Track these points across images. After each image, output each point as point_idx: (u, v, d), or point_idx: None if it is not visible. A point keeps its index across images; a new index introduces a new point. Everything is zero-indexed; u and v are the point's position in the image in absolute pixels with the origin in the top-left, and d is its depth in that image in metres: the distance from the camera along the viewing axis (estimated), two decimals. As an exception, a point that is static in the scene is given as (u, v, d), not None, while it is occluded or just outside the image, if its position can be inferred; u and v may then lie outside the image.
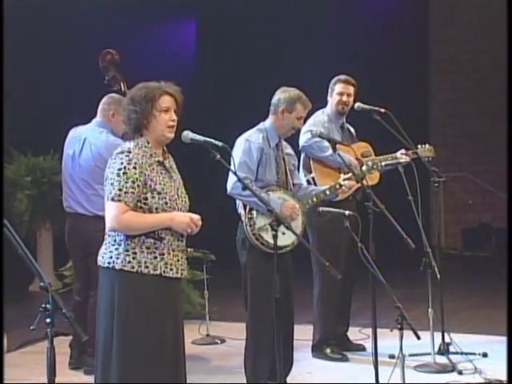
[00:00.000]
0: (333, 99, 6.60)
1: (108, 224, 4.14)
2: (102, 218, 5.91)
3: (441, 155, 6.87)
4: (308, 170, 6.45)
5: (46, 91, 7.05)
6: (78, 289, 6.35)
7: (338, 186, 5.64)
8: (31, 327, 6.17)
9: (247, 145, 5.42)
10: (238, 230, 5.45)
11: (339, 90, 6.57)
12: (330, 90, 6.63)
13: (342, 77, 6.61)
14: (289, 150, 5.71)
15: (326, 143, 6.22)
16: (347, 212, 5.33)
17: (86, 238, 6.14)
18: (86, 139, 6.20)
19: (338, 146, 5.81)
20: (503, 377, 5.74)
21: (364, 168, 6.08)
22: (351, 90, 6.58)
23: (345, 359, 6.50)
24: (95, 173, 6.08)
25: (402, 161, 6.31)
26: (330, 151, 6.26)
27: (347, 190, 5.70)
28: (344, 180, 5.64)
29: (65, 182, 6.33)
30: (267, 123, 5.57)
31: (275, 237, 4.48)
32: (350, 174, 5.63)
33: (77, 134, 6.30)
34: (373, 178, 6.38)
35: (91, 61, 6.54)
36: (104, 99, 6.27)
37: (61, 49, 9.12)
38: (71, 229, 6.38)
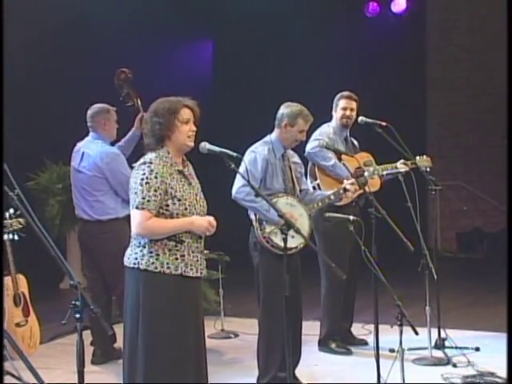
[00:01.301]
0: (337, 113, 6.59)
1: (134, 230, 4.13)
2: (104, 222, 6.16)
3: (437, 165, 6.84)
4: (313, 177, 6.43)
5: (75, 108, 7.13)
6: (90, 286, 6.36)
7: (342, 191, 5.61)
8: (62, 321, 6.18)
9: (253, 156, 5.41)
10: (250, 234, 5.44)
11: (343, 105, 6.56)
12: (334, 105, 6.61)
13: (345, 93, 6.60)
14: (295, 158, 5.69)
15: (330, 154, 6.22)
16: (351, 217, 5.32)
17: (93, 242, 6.27)
18: (84, 152, 6.28)
19: (342, 156, 5.82)
20: (494, 369, 5.74)
21: (366, 174, 6.07)
22: (354, 104, 6.57)
23: (349, 353, 6.48)
24: (93, 181, 6.20)
25: (401, 170, 6.30)
26: (332, 162, 6.26)
27: (352, 194, 5.67)
28: (348, 185, 5.61)
29: (73, 192, 6.42)
30: (273, 136, 5.55)
31: (285, 240, 4.46)
32: (353, 180, 5.61)
33: (77, 148, 6.38)
34: (374, 185, 6.35)
35: (110, 79, 6.57)
36: (89, 114, 6.31)
37: (87, 68, 9.15)
38: (80, 233, 6.50)
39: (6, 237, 4.60)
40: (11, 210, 4.86)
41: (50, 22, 8.91)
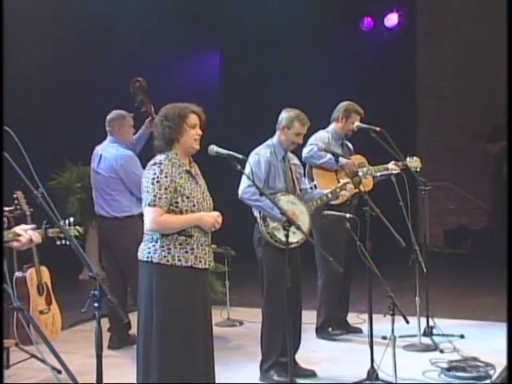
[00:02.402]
0: (345, 124, 6.49)
1: (147, 226, 4.14)
2: (120, 219, 6.22)
3: (426, 168, 6.84)
4: (311, 179, 6.42)
5: (93, 114, 7.17)
6: (108, 277, 6.41)
7: (338, 190, 5.61)
8: (82, 310, 6.21)
9: (257, 158, 5.39)
10: (255, 231, 5.43)
11: (354, 120, 6.46)
12: (344, 114, 6.49)
13: (360, 110, 6.50)
14: (295, 160, 5.68)
15: (323, 152, 6.22)
16: (348, 215, 5.35)
17: (111, 237, 6.33)
18: (102, 155, 6.34)
19: (340, 158, 5.83)
20: (477, 354, 5.76)
21: (360, 174, 6.06)
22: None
23: (344, 333, 6.52)
24: (109, 181, 6.26)
25: (394, 172, 6.30)
26: (328, 157, 6.25)
27: (347, 193, 5.65)
28: (345, 184, 5.61)
29: (93, 191, 6.48)
30: (274, 139, 5.54)
31: (287, 235, 4.46)
32: (348, 180, 5.62)
33: (96, 151, 6.44)
34: (367, 185, 6.36)
35: (126, 86, 6.60)
36: (107, 119, 6.38)
37: (104, 77, 9.18)
38: (99, 229, 6.60)
39: (63, 242, 4.64)
40: (71, 219, 4.87)
41: (74, 32, 9.01)
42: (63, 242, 4.52)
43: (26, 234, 3.19)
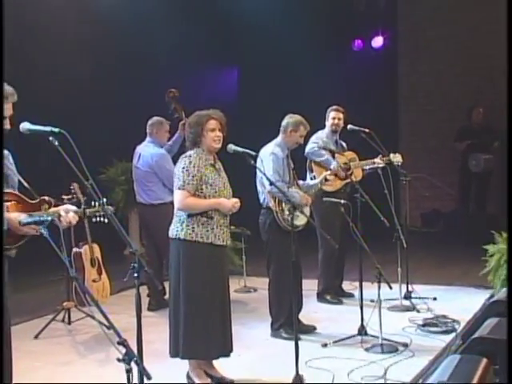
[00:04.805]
0: (328, 122, 6.52)
1: (176, 205, 4.19)
2: (155, 205, 6.20)
3: (406, 162, 6.78)
4: (311, 170, 6.38)
5: (135, 119, 7.17)
6: (147, 252, 6.45)
7: (324, 180, 5.57)
8: (124, 279, 6.23)
9: (275, 157, 5.31)
10: (262, 216, 5.36)
11: (332, 116, 6.49)
12: (326, 116, 6.55)
13: (334, 106, 6.56)
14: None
15: (323, 151, 6.19)
16: (343, 201, 5.32)
17: (147, 220, 6.36)
18: (141, 153, 6.34)
19: (336, 154, 5.79)
20: (446, 313, 5.76)
21: (331, 167, 5.97)
22: (341, 115, 6.51)
23: (340, 303, 6.45)
24: (146, 174, 6.26)
25: (380, 165, 6.27)
26: (325, 157, 6.22)
27: (331, 182, 5.63)
28: (324, 177, 5.57)
29: (134, 183, 6.48)
30: (279, 139, 5.48)
31: (292, 218, 4.43)
32: (329, 172, 5.63)
33: (136, 150, 6.44)
34: (357, 176, 6.33)
35: (162, 96, 6.57)
36: (148, 123, 6.38)
37: (143, 88, 9.18)
38: (139, 213, 6.66)
39: (98, 219, 4.64)
40: (104, 199, 4.88)
41: (119, 50, 9.04)
42: (98, 219, 4.52)
43: (66, 217, 3.21)
